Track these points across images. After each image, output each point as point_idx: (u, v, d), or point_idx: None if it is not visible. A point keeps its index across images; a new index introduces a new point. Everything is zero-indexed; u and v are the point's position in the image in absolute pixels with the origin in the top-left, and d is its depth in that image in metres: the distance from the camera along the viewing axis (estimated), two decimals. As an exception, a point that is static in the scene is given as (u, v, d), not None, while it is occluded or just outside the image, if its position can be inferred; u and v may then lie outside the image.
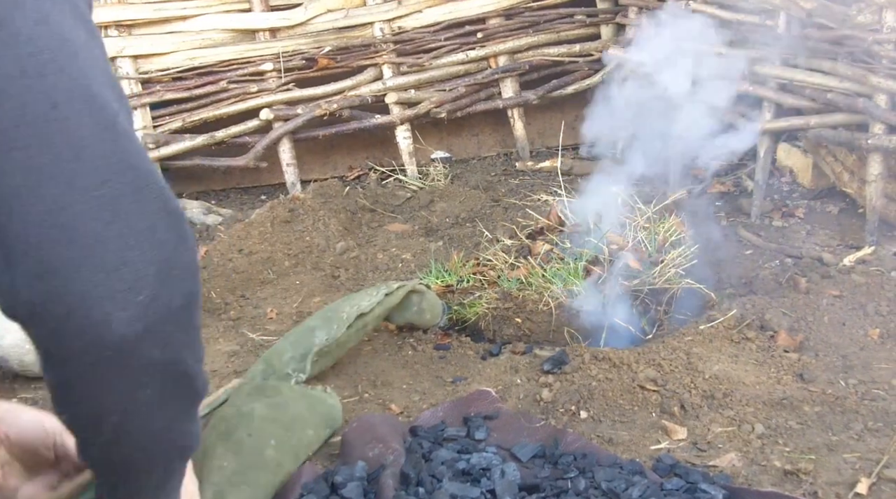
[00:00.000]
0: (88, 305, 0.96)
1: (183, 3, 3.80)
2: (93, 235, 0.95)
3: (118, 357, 1.00)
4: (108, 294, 0.97)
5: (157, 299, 1.00)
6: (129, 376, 1.03)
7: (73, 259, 0.95)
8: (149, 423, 1.09)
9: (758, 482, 1.81)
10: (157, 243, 1.00)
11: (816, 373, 2.22)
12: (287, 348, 2.20)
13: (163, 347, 1.03)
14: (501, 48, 4.04)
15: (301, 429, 1.91)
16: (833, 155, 3.30)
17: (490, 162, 4.19)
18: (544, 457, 1.90)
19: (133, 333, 0.99)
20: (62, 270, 0.95)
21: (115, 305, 0.97)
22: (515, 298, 2.59)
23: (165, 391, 1.07)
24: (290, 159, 3.88)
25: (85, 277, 0.96)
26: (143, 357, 1.02)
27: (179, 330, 1.04)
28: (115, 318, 0.97)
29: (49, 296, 0.96)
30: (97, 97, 0.97)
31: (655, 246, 2.76)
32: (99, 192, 0.96)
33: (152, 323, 1.00)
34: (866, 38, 2.85)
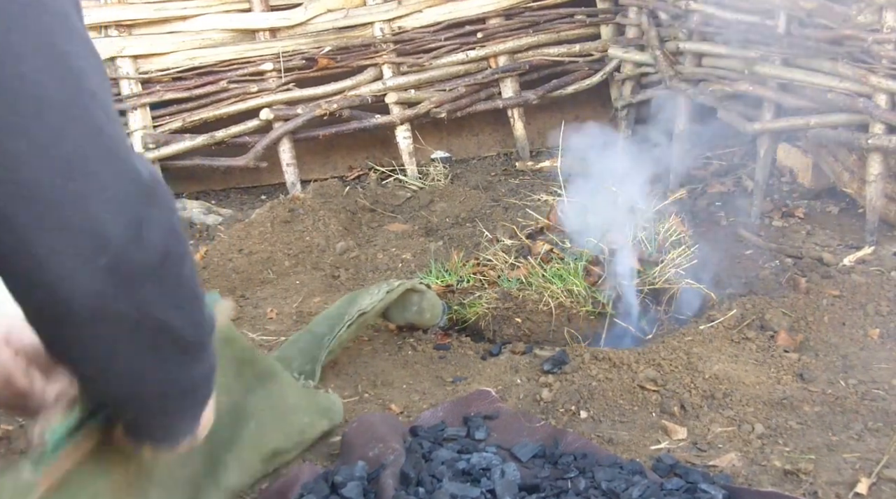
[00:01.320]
0: (51, 264, 0.95)
1: (183, 3, 3.81)
2: (54, 194, 0.94)
3: (87, 313, 0.99)
4: (72, 253, 0.95)
5: (126, 259, 0.98)
6: (103, 332, 1.02)
7: (34, 218, 0.94)
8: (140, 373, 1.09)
9: (758, 482, 1.81)
10: (123, 203, 0.98)
11: (816, 373, 2.22)
12: (296, 356, 2.23)
13: (137, 305, 1.01)
14: (501, 48, 4.04)
15: (294, 415, 1.91)
16: (833, 155, 3.30)
17: (490, 162, 4.19)
18: (544, 457, 1.90)
19: (100, 292, 0.97)
20: (24, 229, 0.94)
21: (80, 264, 0.96)
22: (515, 298, 2.59)
23: (152, 347, 1.06)
24: (290, 159, 3.88)
25: (47, 237, 0.95)
26: (116, 314, 1.00)
27: (159, 288, 1.02)
28: (79, 277, 0.96)
29: (13, 255, 0.95)
30: (63, 54, 0.96)
31: (655, 246, 2.76)
32: (60, 150, 0.94)
33: (121, 282, 0.98)
34: (866, 38, 2.85)
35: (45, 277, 0.96)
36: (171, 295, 1.06)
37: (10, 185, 0.93)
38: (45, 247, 0.95)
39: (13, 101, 0.93)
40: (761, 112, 3.31)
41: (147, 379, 1.11)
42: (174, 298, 1.06)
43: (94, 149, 0.97)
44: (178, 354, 1.12)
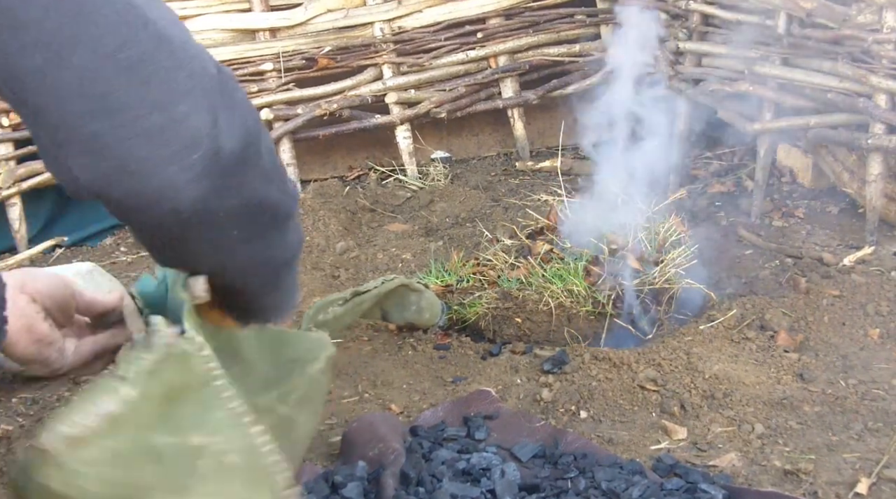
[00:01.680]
0: (148, 174, 0.94)
1: (183, 3, 3.80)
2: (130, 101, 0.93)
3: (196, 216, 0.99)
4: (165, 159, 0.94)
5: (217, 151, 0.97)
6: (213, 228, 1.02)
7: (117, 130, 0.93)
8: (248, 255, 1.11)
9: (758, 482, 1.81)
10: (198, 93, 0.97)
11: (816, 373, 2.22)
12: None
13: (238, 193, 1.01)
14: (501, 48, 4.04)
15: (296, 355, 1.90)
16: (833, 155, 3.30)
17: (490, 162, 4.19)
18: (544, 457, 1.90)
19: (202, 192, 0.97)
20: (111, 144, 0.93)
21: (176, 168, 0.95)
22: (515, 298, 2.59)
23: (255, 227, 1.08)
24: (289, 159, 3.88)
25: (135, 146, 0.93)
26: (221, 208, 1.01)
27: (251, 171, 1.02)
28: (179, 181, 0.95)
29: (106, 173, 0.94)
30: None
31: (655, 246, 2.76)
32: (124, 54, 0.93)
33: (218, 176, 0.98)
34: (866, 38, 2.85)
35: (147, 190, 0.95)
36: (263, 172, 1.06)
37: (89, 102, 0.92)
38: (137, 157, 0.94)
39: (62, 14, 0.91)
40: (761, 112, 3.31)
41: (262, 260, 1.13)
42: (266, 174, 1.06)
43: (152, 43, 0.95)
44: (281, 226, 1.13)
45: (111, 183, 0.95)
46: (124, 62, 0.93)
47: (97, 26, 0.92)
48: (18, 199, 3.50)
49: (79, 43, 0.91)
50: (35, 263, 3.34)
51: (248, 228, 1.07)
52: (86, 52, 0.91)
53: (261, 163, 1.05)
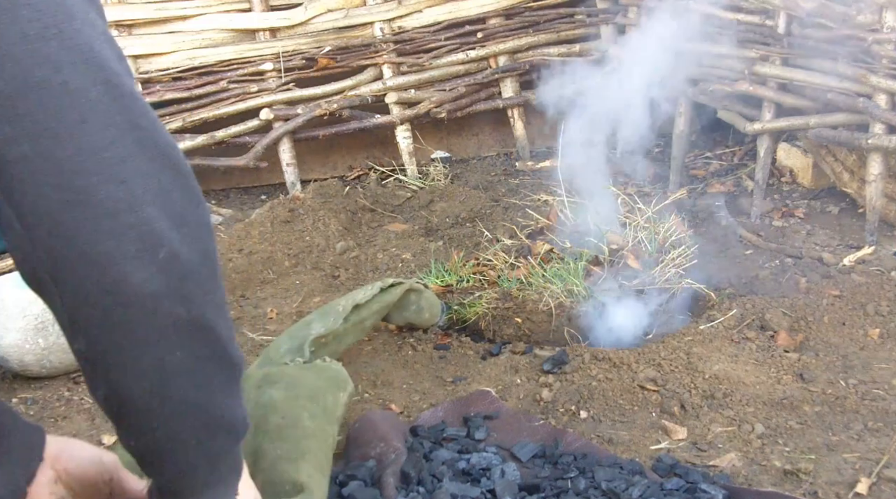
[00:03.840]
0: (107, 265, 0.97)
1: (183, 3, 3.80)
2: (105, 197, 0.96)
3: (142, 316, 1.00)
4: (126, 254, 0.97)
5: (175, 257, 1.00)
6: (156, 336, 1.02)
7: (87, 222, 0.96)
8: (185, 391, 1.07)
9: (758, 482, 1.81)
10: (169, 201, 1.00)
11: (816, 373, 2.22)
12: (284, 341, 2.20)
13: (187, 305, 1.02)
14: (501, 48, 4.04)
15: (322, 397, 1.91)
16: (833, 155, 3.30)
17: (490, 162, 4.19)
18: (544, 457, 1.90)
19: (154, 291, 0.99)
20: (79, 234, 0.96)
21: (134, 264, 0.97)
22: (515, 298, 2.59)
23: (197, 355, 1.06)
24: (290, 159, 3.88)
25: (101, 239, 0.96)
26: (169, 315, 1.01)
27: (202, 288, 1.04)
28: (134, 277, 0.98)
29: (68, 259, 0.97)
30: (99, 58, 0.97)
31: (655, 246, 2.76)
32: (108, 153, 0.96)
33: (173, 280, 1.00)
34: (866, 38, 2.85)
35: (103, 280, 0.97)
36: (214, 296, 1.06)
37: (65, 194, 0.95)
38: (102, 249, 0.97)
39: (57, 110, 0.94)
40: (761, 112, 3.31)
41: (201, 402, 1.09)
42: (217, 299, 1.07)
43: (136, 146, 0.99)
44: (223, 373, 1.10)
45: (71, 270, 0.97)
46: (105, 162, 0.96)
47: (87, 127, 0.96)
48: (18, 199, 3.50)
49: (67, 140, 0.95)
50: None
51: (192, 353, 1.05)
52: (71, 150, 0.95)
53: (213, 287, 1.06)
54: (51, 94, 0.94)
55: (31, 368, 2.40)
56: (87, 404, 2.28)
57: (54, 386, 2.40)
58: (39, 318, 2.36)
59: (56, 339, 2.37)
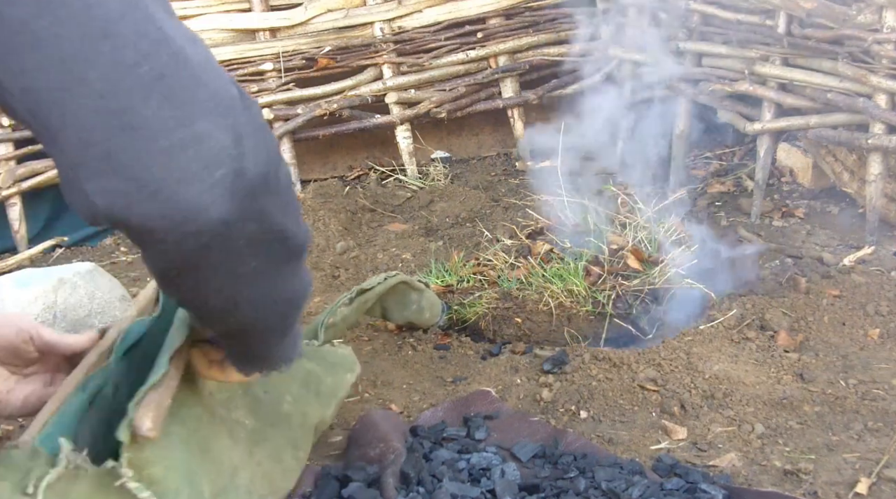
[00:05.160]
0: (169, 194, 0.91)
1: (183, 3, 3.80)
2: (150, 116, 0.89)
3: (217, 240, 0.95)
4: (187, 177, 0.91)
5: (240, 172, 0.94)
6: (232, 254, 0.99)
7: (135, 147, 0.89)
8: (262, 290, 1.08)
9: (758, 482, 1.81)
10: (221, 111, 0.94)
11: (816, 373, 2.22)
12: None
13: (259, 218, 0.99)
14: (501, 48, 4.04)
15: (317, 381, 1.91)
16: (833, 155, 3.30)
17: (490, 162, 4.19)
18: (544, 457, 1.90)
19: (225, 213, 0.94)
20: (129, 163, 0.89)
21: (198, 187, 0.91)
22: (515, 298, 2.59)
23: (271, 259, 1.05)
24: (290, 159, 3.88)
25: (156, 165, 0.90)
26: (242, 233, 0.98)
27: (272, 197, 0.99)
28: (202, 202, 0.92)
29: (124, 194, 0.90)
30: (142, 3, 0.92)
31: (655, 246, 2.76)
32: (142, 69, 0.90)
33: (242, 198, 0.95)
34: (866, 38, 2.85)
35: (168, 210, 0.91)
36: (283, 202, 1.03)
37: (109, 118, 0.89)
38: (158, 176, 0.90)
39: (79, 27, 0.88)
40: (761, 112, 3.31)
41: (274, 297, 1.10)
42: (284, 203, 1.04)
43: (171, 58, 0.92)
44: (295, 262, 1.11)
45: (130, 205, 0.91)
46: (144, 77, 0.90)
47: (116, 40, 0.89)
48: (18, 199, 3.51)
49: (97, 58, 0.88)
50: (35, 263, 3.34)
51: (265, 258, 1.04)
52: (103, 67, 0.88)
53: (281, 192, 1.03)
54: (69, 11, 0.88)
55: (31, 368, 2.40)
56: (87, 404, 2.28)
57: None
58: (39, 318, 2.36)
59: (56, 339, 2.37)
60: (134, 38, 0.90)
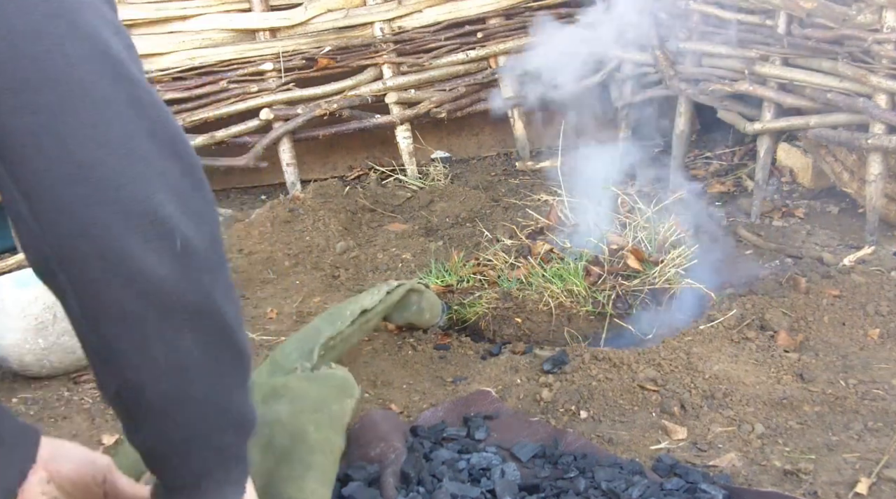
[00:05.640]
0: (118, 244, 0.96)
1: (183, 3, 3.80)
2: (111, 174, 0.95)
3: (153, 302, 0.99)
4: (138, 234, 0.96)
5: (187, 241, 0.99)
6: (167, 322, 1.01)
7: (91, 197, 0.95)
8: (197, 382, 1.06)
9: (758, 482, 1.81)
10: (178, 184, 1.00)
11: (816, 373, 2.22)
12: (293, 347, 2.18)
13: (197, 292, 1.01)
14: (501, 48, 4.04)
15: (327, 407, 1.91)
16: (833, 155, 3.30)
17: (490, 162, 4.19)
18: (544, 457, 1.90)
19: (165, 276, 0.98)
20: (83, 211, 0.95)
21: (146, 245, 0.96)
22: (515, 298, 2.59)
23: (209, 342, 1.05)
24: (290, 159, 3.88)
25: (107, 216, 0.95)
26: (179, 300, 1.00)
27: (211, 273, 1.03)
28: (145, 258, 0.96)
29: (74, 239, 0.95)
30: (104, 42, 0.97)
31: (655, 246, 2.76)
32: (111, 130, 0.96)
33: (184, 265, 0.99)
34: (866, 38, 2.85)
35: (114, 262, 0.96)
36: (227, 286, 1.06)
37: (67, 166, 0.94)
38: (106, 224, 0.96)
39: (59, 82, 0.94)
40: (761, 112, 3.31)
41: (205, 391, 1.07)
42: (227, 288, 1.06)
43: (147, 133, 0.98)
44: (234, 364, 1.09)
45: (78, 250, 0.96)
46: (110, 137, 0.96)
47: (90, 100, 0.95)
48: (18, 199, 3.51)
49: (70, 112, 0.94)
50: (35, 263, 3.34)
51: (204, 342, 1.04)
52: (75, 122, 0.94)
53: (221, 272, 1.05)
54: (53, 66, 0.93)
55: (30, 368, 2.40)
56: (86, 404, 2.28)
57: (54, 386, 2.40)
58: (39, 318, 2.36)
59: (56, 339, 2.37)
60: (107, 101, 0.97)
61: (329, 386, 1.98)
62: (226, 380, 1.09)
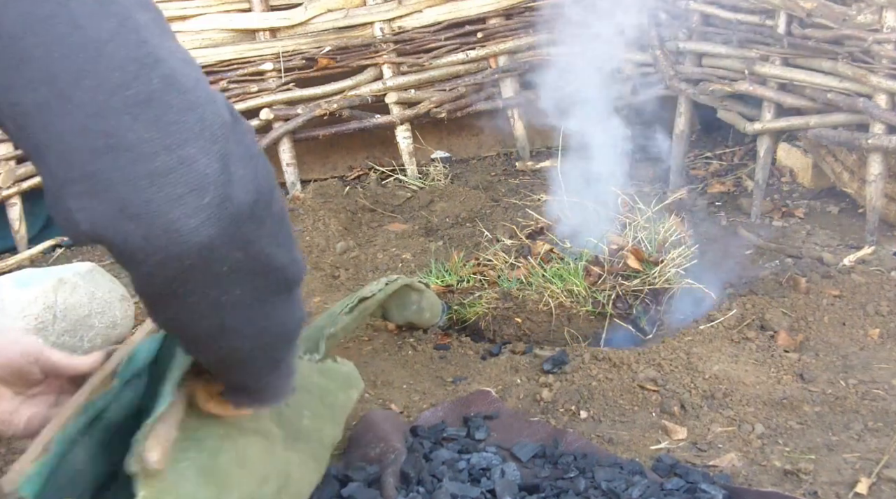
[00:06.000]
0: (151, 218, 0.90)
1: (183, 3, 3.80)
2: (135, 140, 0.89)
3: (200, 265, 0.95)
4: (171, 200, 0.90)
5: (226, 199, 0.93)
6: (216, 281, 0.98)
7: (120, 170, 0.89)
8: (248, 320, 1.06)
9: (758, 482, 1.81)
10: (209, 137, 0.93)
11: (816, 373, 2.22)
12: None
13: (245, 247, 0.97)
14: (501, 48, 4.04)
15: (331, 395, 1.91)
16: (833, 155, 3.30)
17: (490, 162, 4.19)
18: (544, 457, 1.90)
19: (208, 239, 0.93)
20: (113, 185, 0.89)
21: (182, 210, 0.91)
22: (515, 298, 2.59)
23: (258, 288, 1.03)
24: (290, 159, 3.88)
25: (139, 188, 0.89)
26: (226, 261, 0.96)
27: (259, 226, 0.98)
28: (184, 225, 0.91)
29: (106, 216, 0.90)
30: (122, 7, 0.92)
31: (655, 246, 2.76)
32: (131, 90, 0.89)
33: (227, 225, 0.94)
34: (866, 38, 2.85)
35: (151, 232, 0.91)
36: (273, 232, 1.02)
37: (95, 139, 0.89)
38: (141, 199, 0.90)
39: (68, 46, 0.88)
40: (761, 112, 3.31)
41: (261, 328, 1.08)
42: (276, 234, 1.03)
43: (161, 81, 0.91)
44: (284, 294, 1.09)
45: (112, 227, 0.91)
46: (131, 99, 0.89)
47: (104, 61, 0.89)
48: (18, 199, 3.51)
49: (85, 77, 0.88)
50: (35, 263, 3.34)
51: (251, 288, 1.03)
52: (91, 88, 0.88)
53: (271, 222, 1.01)
54: (59, 29, 0.88)
55: (31, 368, 2.40)
56: (87, 404, 2.28)
57: (54, 386, 2.39)
58: (39, 318, 2.36)
59: (56, 339, 2.37)
60: (122, 60, 0.90)
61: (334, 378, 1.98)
62: (275, 311, 1.10)
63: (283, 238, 1.05)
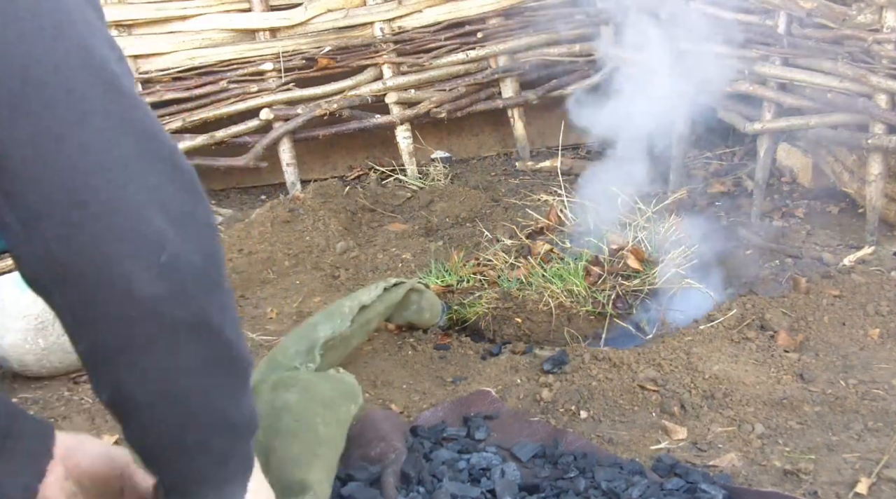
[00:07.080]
0: (110, 265, 0.96)
1: (183, 3, 3.80)
2: (105, 199, 0.95)
3: (145, 320, 0.99)
4: (129, 253, 0.96)
5: (178, 258, 0.98)
6: (160, 339, 1.01)
7: (90, 221, 0.95)
8: (190, 393, 1.06)
9: (758, 482, 1.81)
10: (170, 203, 0.99)
11: (816, 373, 2.22)
12: (290, 345, 2.17)
13: (191, 308, 1.01)
14: (501, 48, 4.04)
15: (337, 406, 1.91)
16: (833, 155, 3.30)
17: (490, 162, 4.19)
18: (544, 457, 1.90)
19: (156, 294, 0.97)
20: (81, 233, 0.95)
21: (137, 264, 0.96)
22: (515, 298, 2.59)
23: (203, 356, 1.05)
24: (290, 159, 3.88)
25: (104, 238, 0.95)
26: (172, 319, 1.00)
27: (206, 290, 1.02)
28: (137, 278, 0.96)
29: (68, 262, 0.95)
30: (98, 59, 0.97)
31: (655, 246, 2.76)
32: (107, 155, 0.96)
33: (176, 282, 0.99)
34: (866, 38, 2.85)
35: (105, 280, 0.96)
36: (219, 297, 1.05)
37: (64, 192, 0.94)
38: (103, 252, 0.96)
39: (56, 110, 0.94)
40: (761, 112, 3.31)
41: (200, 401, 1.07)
42: (222, 300, 1.06)
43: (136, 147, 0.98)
44: (230, 374, 1.09)
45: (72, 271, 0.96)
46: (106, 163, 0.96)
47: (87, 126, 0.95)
48: (18, 199, 3.50)
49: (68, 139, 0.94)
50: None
51: (198, 356, 1.04)
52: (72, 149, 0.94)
53: (217, 289, 1.05)
54: (49, 93, 0.94)
55: (30, 368, 2.40)
56: (86, 404, 2.28)
57: (54, 386, 2.40)
58: (39, 318, 2.36)
59: (56, 339, 2.37)
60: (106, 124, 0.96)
61: (338, 389, 1.99)
62: (222, 389, 1.09)
63: (230, 312, 1.08)
